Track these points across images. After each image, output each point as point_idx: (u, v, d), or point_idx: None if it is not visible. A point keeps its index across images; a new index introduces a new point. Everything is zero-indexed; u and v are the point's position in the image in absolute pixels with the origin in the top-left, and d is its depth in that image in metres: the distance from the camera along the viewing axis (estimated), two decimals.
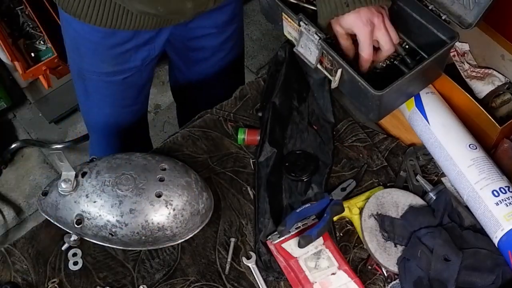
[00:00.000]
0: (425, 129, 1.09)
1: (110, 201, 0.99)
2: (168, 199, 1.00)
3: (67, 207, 1.01)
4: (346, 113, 1.22)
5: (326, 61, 1.07)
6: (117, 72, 1.26)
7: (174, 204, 1.01)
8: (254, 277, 1.02)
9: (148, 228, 1.00)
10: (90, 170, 1.03)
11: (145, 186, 1.01)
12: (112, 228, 1.00)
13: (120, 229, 0.99)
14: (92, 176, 1.02)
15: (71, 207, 1.01)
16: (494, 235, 0.96)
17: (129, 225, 0.99)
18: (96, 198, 1.00)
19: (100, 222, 1.00)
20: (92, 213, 1.00)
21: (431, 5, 1.08)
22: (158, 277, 1.02)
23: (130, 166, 1.03)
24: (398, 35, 1.03)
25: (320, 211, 1.03)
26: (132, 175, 1.01)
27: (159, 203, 1.00)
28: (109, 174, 1.02)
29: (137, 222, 0.99)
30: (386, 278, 1.00)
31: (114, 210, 0.99)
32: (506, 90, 1.14)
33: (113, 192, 1.00)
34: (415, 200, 1.06)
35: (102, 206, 0.99)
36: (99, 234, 1.01)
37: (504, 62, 1.15)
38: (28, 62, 2.08)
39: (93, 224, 1.00)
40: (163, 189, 1.01)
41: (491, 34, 1.15)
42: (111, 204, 0.99)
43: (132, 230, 0.99)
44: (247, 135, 1.16)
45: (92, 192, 1.00)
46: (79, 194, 1.01)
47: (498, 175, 1.00)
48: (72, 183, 1.00)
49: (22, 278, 1.03)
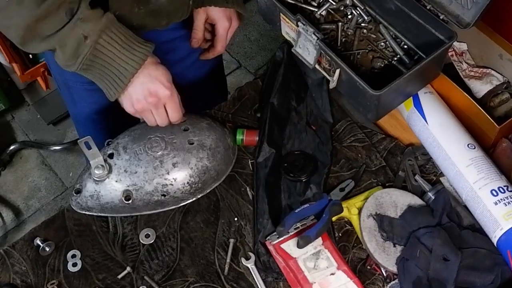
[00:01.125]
0: (424, 129, 1.09)
1: (150, 165, 1.03)
2: (200, 142, 1.06)
3: (110, 190, 1.03)
4: (345, 113, 1.22)
5: (324, 61, 1.07)
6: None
7: (207, 144, 1.07)
8: (253, 278, 1.01)
9: (196, 175, 1.05)
10: (114, 149, 1.06)
11: (175, 140, 1.06)
12: (163, 188, 1.03)
13: (171, 185, 1.03)
14: (121, 153, 1.05)
15: (115, 188, 1.03)
16: (493, 234, 0.96)
17: (178, 179, 1.04)
18: (135, 168, 1.03)
19: (150, 188, 1.03)
20: (138, 183, 1.03)
21: (429, 5, 1.08)
22: (157, 278, 1.02)
23: (152, 130, 1.07)
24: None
25: (319, 211, 1.03)
26: (158, 135, 1.06)
27: (195, 149, 1.05)
28: (137, 144, 1.05)
29: (184, 173, 1.04)
30: (385, 278, 1.00)
31: (158, 171, 1.03)
32: (504, 89, 1.14)
33: (149, 156, 1.04)
34: (414, 200, 1.06)
35: (145, 173, 1.03)
36: (151, 201, 1.04)
37: (502, 61, 1.15)
38: (26, 64, 2.08)
39: (143, 193, 1.03)
40: (192, 136, 1.07)
41: (489, 34, 1.15)
42: (153, 167, 1.03)
43: (183, 181, 1.04)
44: (245, 135, 1.16)
45: (129, 165, 1.03)
46: (117, 173, 1.03)
47: (496, 175, 1.00)
48: (105, 167, 1.02)
49: (21, 279, 1.03)
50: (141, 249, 1.06)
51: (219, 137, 1.10)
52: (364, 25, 1.19)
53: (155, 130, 1.06)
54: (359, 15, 1.19)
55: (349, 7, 1.21)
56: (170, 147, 1.05)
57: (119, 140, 1.07)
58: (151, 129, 1.07)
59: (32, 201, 2.19)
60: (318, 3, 1.22)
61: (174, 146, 1.05)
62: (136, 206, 1.04)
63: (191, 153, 1.05)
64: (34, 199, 2.19)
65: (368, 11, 1.19)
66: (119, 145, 1.06)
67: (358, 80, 0.99)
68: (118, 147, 1.06)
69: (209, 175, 1.07)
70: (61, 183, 2.23)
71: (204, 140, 1.07)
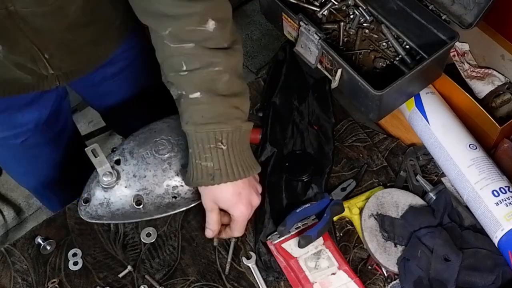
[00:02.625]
0: (425, 129, 1.09)
1: (159, 167, 1.03)
2: None
3: (120, 196, 1.03)
4: (346, 113, 1.22)
5: (326, 61, 1.07)
6: (12, 137, 1.17)
7: None
8: (254, 277, 1.02)
9: None
10: (121, 155, 1.05)
11: (181, 141, 1.05)
12: (174, 190, 1.03)
13: (181, 186, 1.03)
14: (128, 158, 1.04)
15: (125, 194, 1.03)
16: (494, 235, 0.96)
17: None
18: (144, 172, 1.02)
19: (160, 190, 1.02)
20: (148, 187, 1.02)
21: (431, 5, 1.08)
22: (158, 277, 1.02)
23: (157, 133, 1.06)
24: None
25: (320, 211, 1.03)
26: (164, 138, 1.05)
27: None
28: (143, 148, 1.05)
29: None
30: (386, 278, 1.00)
31: (167, 173, 1.02)
32: (506, 90, 1.14)
33: (157, 159, 1.03)
34: (415, 200, 1.06)
35: (155, 176, 1.02)
36: (162, 204, 1.03)
37: (504, 62, 1.15)
38: None
39: (153, 196, 1.03)
40: None
41: (491, 34, 1.14)
42: (162, 169, 1.03)
43: None
44: None
45: (138, 170, 1.03)
46: (126, 178, 1.03)
47: (498, 175, 1.00)
48: (113, 174, 1.01)
49: (22, 278, 1.03)
50: (142, 248, 1.06)
51: None
52: (366, 25, 1.19)
53: (160, 133, 1.06)
54: (361, 15, 1.19)
55: (351, 7, 1.21)
56: (177, 148, 1.05)
57: (124, 146, 1.06)
58: (155, 132, 1.07)
59: (33, 200, 2.19)
60: (320, 3, 1.22)
61: (181, 147, 1.05)
62: (148, 211, 1.04)
63: None
64: (35, 197, 2.19)
65: (370, 11, 1.19)
66: (125, 150, 1.05)
67: (360, 80, 0.99)
68: (124, 152, 1.05)
69: None
70: None
71: None
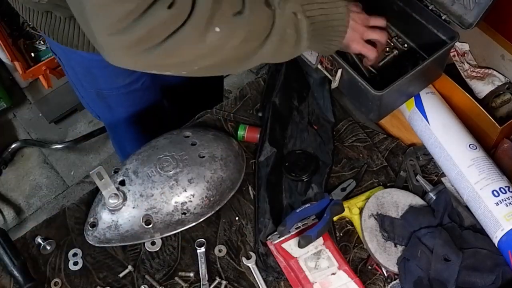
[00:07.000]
0: (425, 129, 1.09)
1: (166, 185, 1.02)
2: (211, 154, 1.05)
3: (128, 218, 1.01)
4: (346, 113, 1.22)
5: (326, 61, 1.07)
6: (134, 82, 1.25)
7: (218, 155, 1.07)
8: (254, 277, 1.02)
9: (213, 187, 1.04)
10: (125, 176, 1.03)
11: (185, 156, 1.05)
12: (183, 206, 1.02)
13: (190, 202, 1.02)
14: (132, 178, 1.03)
15: (133, 215, 1.01)
16: (494, 235, 0.96)
17: (196, 193, 1.02)
18: (151, 191, 1.01)
19: (169, 208, 1.02)
20: (156, 206, 1.01)
21: (431, 5, 1.08)
22: (158, 277, 1.02)
23: (160, 150, 1.06)
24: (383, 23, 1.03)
25: (320, 211, 1.03)
26: (167, 154, 1.05)
27: (207, 161, 1.05)
28: (147, 166, 1.03)
29: (201, 186, 1.03)
30: (386, 278, 1.00)
31: (175, 190, 1.02)
32: (506, 90, 1.14)
33: (163, 176, 1.02)
34: (415, 200, 1.06)
35: (163, 194, 1.01)
36: (172, 221, 1.03)
37: (504, 62, 1.15)
38: (28, 62, 2.08)
39: (162, 214, 1.02)
40: (201, 149, 1.06)
41: (491, 34, 1.14)
42: (169, 186, 1.02)
43: (201, 196, 1.03)
44: (247, 132, 1.16)
45: (144, 189, 1.01)
46: (132, 199, 1.01)
47: (498, 175, 1.00)
48: (119, 195, 1.00)
49: None
50: (142, 248, 1.06)
51: (227, 146, 1.09)
52: None
53: (163, 150, 1.05)
54: None
55: None
56: (182, 163, 1.04)
57: (127, 166, 1.05)
58: (158, 149, 1.06)
59: (33, 200, 2.19)
60: None
61: (186, 162, 1.04)
62: (157, 229, 1.03)
63: (204, 166, 1.04)
64: (35, 197, 2.20)
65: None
66: (128, 170, 1.04)
67: (360, 80, 0.99)
68: (128, 172, 1.04)
69: (225, 185, 1.06)
70: (62, 181, 2.23)
71: (214, 152, 1.07)
